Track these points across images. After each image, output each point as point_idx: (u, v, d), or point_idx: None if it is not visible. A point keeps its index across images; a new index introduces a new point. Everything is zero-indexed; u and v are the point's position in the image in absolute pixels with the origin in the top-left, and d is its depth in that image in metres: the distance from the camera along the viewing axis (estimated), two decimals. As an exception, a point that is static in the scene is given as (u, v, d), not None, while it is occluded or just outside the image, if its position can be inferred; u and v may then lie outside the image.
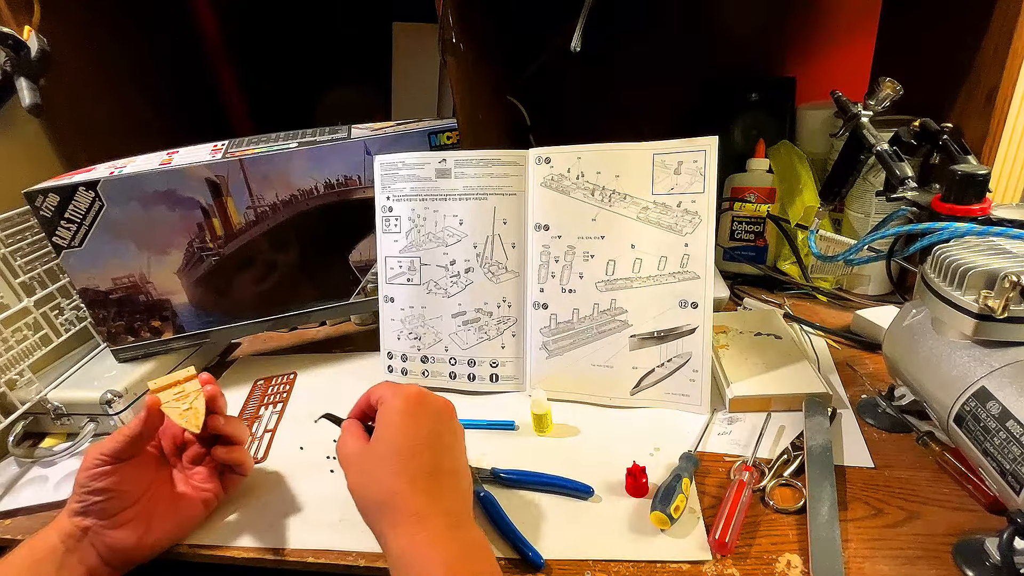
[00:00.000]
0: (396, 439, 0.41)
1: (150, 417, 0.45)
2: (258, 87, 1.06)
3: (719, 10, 0.91)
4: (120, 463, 0.44)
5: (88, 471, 0.43)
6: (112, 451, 0.43)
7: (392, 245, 0.65)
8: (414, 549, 0.37)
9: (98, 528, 0.43)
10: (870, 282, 0.77)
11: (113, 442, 0.43)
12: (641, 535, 0.44)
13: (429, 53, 0.96)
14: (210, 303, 0.68)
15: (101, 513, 0.43)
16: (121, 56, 0.83)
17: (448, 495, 0.40)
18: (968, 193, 0.53)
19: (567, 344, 0.60)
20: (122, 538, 0.43)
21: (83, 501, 0.43)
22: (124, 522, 0.44)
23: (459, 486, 0.41)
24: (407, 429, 0.41)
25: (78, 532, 0.42)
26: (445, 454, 0.42)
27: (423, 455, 0.41)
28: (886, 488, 0.46)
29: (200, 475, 0.49)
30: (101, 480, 0.43)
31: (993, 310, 0.40)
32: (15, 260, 0.62)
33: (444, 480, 0.41)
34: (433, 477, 0.40)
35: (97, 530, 0.43)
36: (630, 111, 0.96)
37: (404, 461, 0.40)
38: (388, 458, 0.40)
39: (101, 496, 0.43)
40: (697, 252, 0.56)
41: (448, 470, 0.41)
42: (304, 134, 0.68)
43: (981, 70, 0.63)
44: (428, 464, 0.40)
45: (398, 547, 0.37)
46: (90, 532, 0.43)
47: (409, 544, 0.37)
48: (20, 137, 0.69)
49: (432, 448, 0.41)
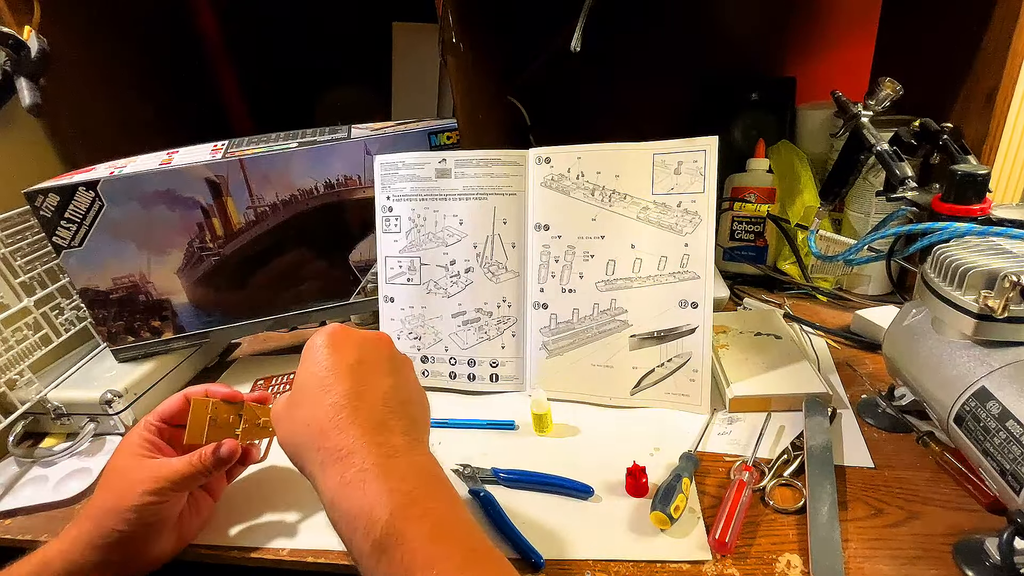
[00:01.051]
0: (315, 373, 0.37)
1: (233, 459, 0.43)
2: (258, 87, 1.06)
3: (719, 10, 0.91)
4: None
5: (143, 496, 0.41)
6: (175, 483, 0.42)
7: (392, 245, 0.65)
8: (344, 490, 0.32)
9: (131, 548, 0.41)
10: (870, 282, 0.77)
11: (180, 476, 0.42)
12: (641, 535, 0.44)
13: (429, 53, 0.96)
14: (210, 303, 0.68)
15: (141, 533, 0.41)
16: (121, 56, 0.83)
17: (384, 426, 0.35)
18: (968, 193, 0.53)
19: (567, 344, 0.60)
20: (156, 554, 0.43)
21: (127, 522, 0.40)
22: (159, 538, 0.43)
23: (405, 414, 0.37)
24: (324, 361, 0.37)
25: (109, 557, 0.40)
26: (377, 381, 0.37)
27: (345, 383, 0.36)
28: (886, 488, 0.46)
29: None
30: (156, 505, 0.41)
31: (993, 310, 0.40)
32: (15, 260, 0.62)
33: (376, 409, 0.36)
34: (360, 408, 0.35)
35: (129, 551, 0.41)
36: (630, 111, 0.96)
37: (325, 393, 0.36)
38: (307, 394, 0.36)
39: (148, 519, 0.41)
40: (697, 252, 0.56)
41: (382, 398, 0.37)
42: (304, 134, 0.68)
43: (981, 70, 0.63)
44: (352, 393, 0.36)
45: (328, 491, 0.33)
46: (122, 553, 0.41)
47: (339, 485, 0.32)
48: (20, 137, 0.69)
49: (357, 376, 0.37)
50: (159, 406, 0.47)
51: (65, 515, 0.52)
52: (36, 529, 0.51)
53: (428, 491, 0.33)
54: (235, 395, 0.48)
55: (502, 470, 0.50)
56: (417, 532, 0.30)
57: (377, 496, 0.31)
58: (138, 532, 0.41)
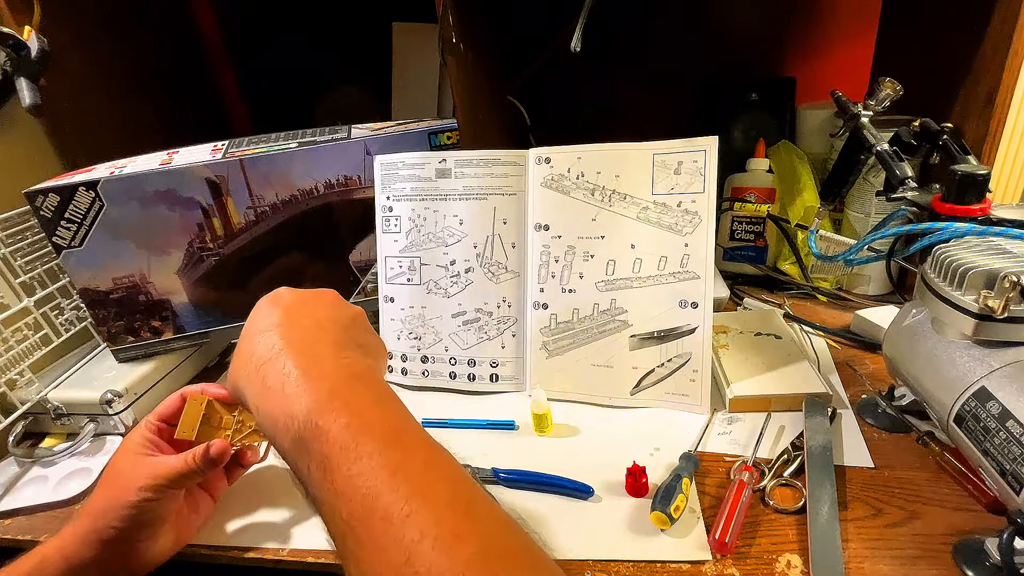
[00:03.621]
0: (254, 319, 0.37)
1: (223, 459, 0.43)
2: (258, 87, 1.06)
3: (719, 10, 0.91)
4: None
5: (140, 492, 0.41)
6: (171, 480, 0.42)
7: (392, 245, 0.65)
8: (266, 395, 0.32)
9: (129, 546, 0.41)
10: (870, 282, 0.77)
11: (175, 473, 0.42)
12: (641, 535, 0.44)
13: (429, 53, 0.96)
14: (210, 303, 0.68)
15: (138, 531, 0.41)
16: (121, 56, 0.83)
17: (316, 340, 0.35)
18: (968, 193, 0.53)
19: (567, 344, 0.60)
20: (153, 552, 0.43)
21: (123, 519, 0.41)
22: (157, 536, 0.43)
23: (346, 337, 0.37)
24: (264, 307, 0.38)
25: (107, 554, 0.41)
26: (312, 312, 0.38)
27: (278, 314, 0.36)
28: (886, 488, 0.46)
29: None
30: (151, 502, 0.41)
31: (993, 310, 0.40)
32: (15, 260, 0.62)
33: (310, 330, 0.36)
34: (293, 328, 0.35)
35: (127, 548, 0.41)
36: (630, 111, 0.96)
37: (261, 331, 0.35)
38: (246, 335, 0.36)
39: (145, 516, 0.41)
40: (697, 252, 0.56)
41: (317, 321, 0.37)
42: (304, 134, 0.68)
43: (981, 70, 0.63)
44: (286, 321, 0.36)
45: (253, 397, 0.33)
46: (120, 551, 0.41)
47: (261, 390, 0.32)
48: (20, 137, 0.69)
49: (293, 312, 0.37)
50: (158, 406, 0.47)
51: (65, 515, 0.52)
52: (36, 529, 0.51)
53: (351, 387, 0.32)
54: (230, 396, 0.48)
55: (502, 470, 0.50)
56: (333, 423, 0.29)
57: (296, 395, 0.31)
58: (134, 530, 0.41)
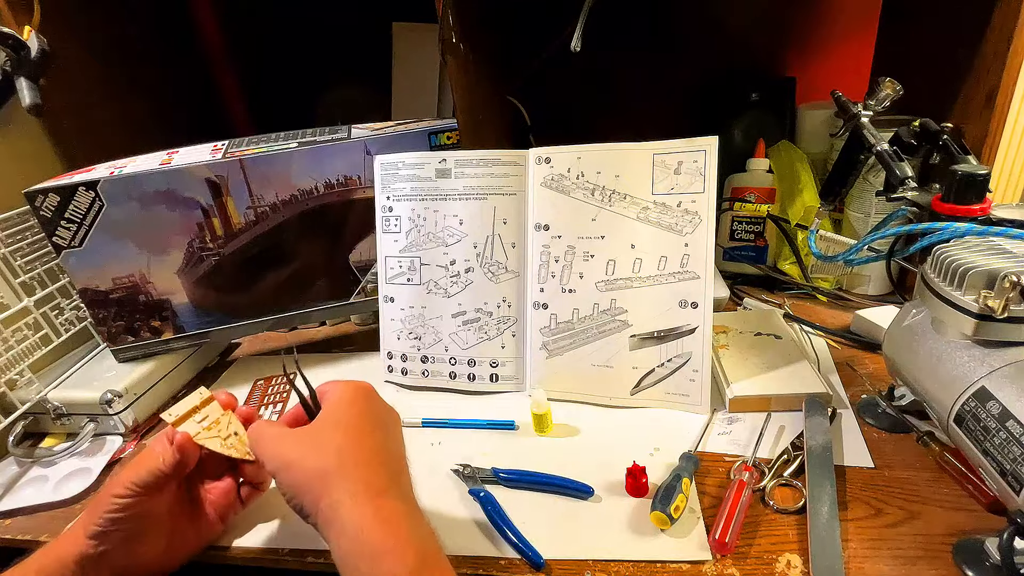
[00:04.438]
0: (346, 413, 0.41)
1: (185, 454, 0.43)
2: (258, 87, 1.06)
3: (720, 10, 0.91)
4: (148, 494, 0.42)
5: (116, 498, 0.41)
6: (144, 483, 0.41)
7: (392, 245, 0.65)
8: (378, 520, 0.35)
9: (118, 552, 0.41)
10: (870, 282, 0.77)
11: (146, 474, 0.41)
12: (641, 535, 0.44)
13: (429, 53, 0.96)
14: (210, 303, 0.68)
15: (123, 538, 0.41)
16: (121, 56, 0.83)
17: (400, 475, 0.40)
18: (968, 193, 0.53)
19: (567, 344, 0.60)
20: (142, 561, 0.42)
21: (104, 526, 0.41)
22: (145, 545, 0.42)
23: (399, 468, 0.41)
24: (358, 408, 0.42)
25: (96, 555, 0.41)
26: (392, 445, 0.42)
27: (375, 435, 0.40)
28: (886, 488, 0.46)
29: (218, 490, 0.47)
30: (127, 511, 0.41)
31: (993, 310, 0.40)
32: (15, 260, 0.63)
33: (393, 464, 0.40)
34: (385, 459, 0.40)
35: (116, 555, 0.41)
36: (630, 111, 0.96)
37: (356, 435, 0.40)
38: (338, 428, 0.40)
39: (125, 523, 0.41)
40: (697, 252, 0.56)
41: (395, 455, 0.41)
42: (304, 134, 0.68)
43: (981, 70, 0.63)
44: (379, 446, 0.40)
45: (358, 517, 0.35)
46: (108, 555, 0.41)
47: (374, 518, 0.35)
48: (20, 137, 0.69)
49: (376, 434, 0.41)
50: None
51: (65, 515, 0.52)
52: (36, 529, 0.51)
53: (438, 552, 0.37)
54: (231, 403, 0.48)
55: (502, 470, 0.50)
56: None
57: (408, 538, 0.35)
58: (119, 527, 0.41)
